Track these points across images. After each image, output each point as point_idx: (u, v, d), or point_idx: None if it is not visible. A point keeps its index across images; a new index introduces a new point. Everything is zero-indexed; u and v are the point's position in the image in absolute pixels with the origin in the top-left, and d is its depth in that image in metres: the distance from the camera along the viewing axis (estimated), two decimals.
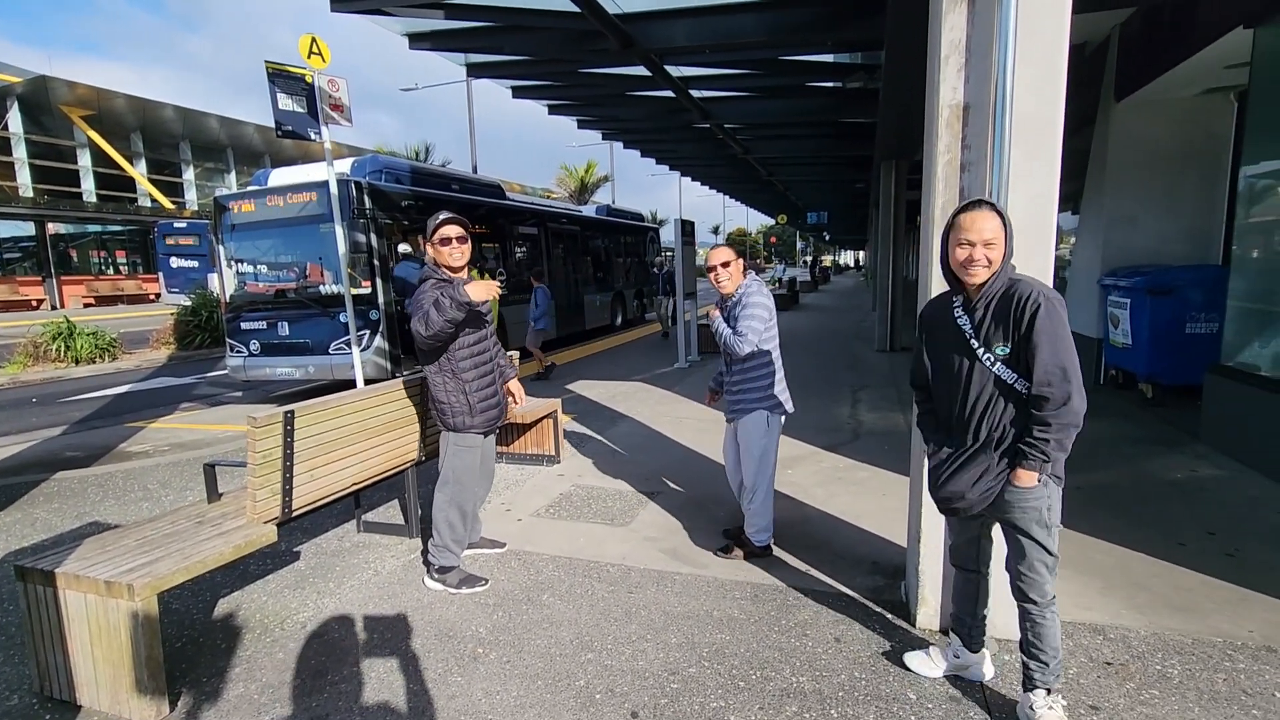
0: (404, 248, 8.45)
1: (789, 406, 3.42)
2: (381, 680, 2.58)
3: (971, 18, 2.39)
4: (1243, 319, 5.01)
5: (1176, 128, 6.49)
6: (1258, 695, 2.32)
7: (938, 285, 2.58)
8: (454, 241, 3.12)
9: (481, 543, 3.68)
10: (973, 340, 2.04)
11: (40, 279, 25.70)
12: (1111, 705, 2.29)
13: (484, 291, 3.00)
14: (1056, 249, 2.41)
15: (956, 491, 2.08)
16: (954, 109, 2.47)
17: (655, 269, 14.94)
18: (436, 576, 3.28)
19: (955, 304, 2.12)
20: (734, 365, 3.39)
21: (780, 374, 3.40)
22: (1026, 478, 1.99)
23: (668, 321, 13.96)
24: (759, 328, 3.25)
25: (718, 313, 3.43)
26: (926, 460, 2.27)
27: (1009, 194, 2.33)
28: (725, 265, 3.32)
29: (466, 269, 3.24)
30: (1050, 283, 2.23)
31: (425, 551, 3.45)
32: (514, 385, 3.53)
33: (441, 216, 3.12)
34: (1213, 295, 5.69)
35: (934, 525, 2.71)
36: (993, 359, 2.00)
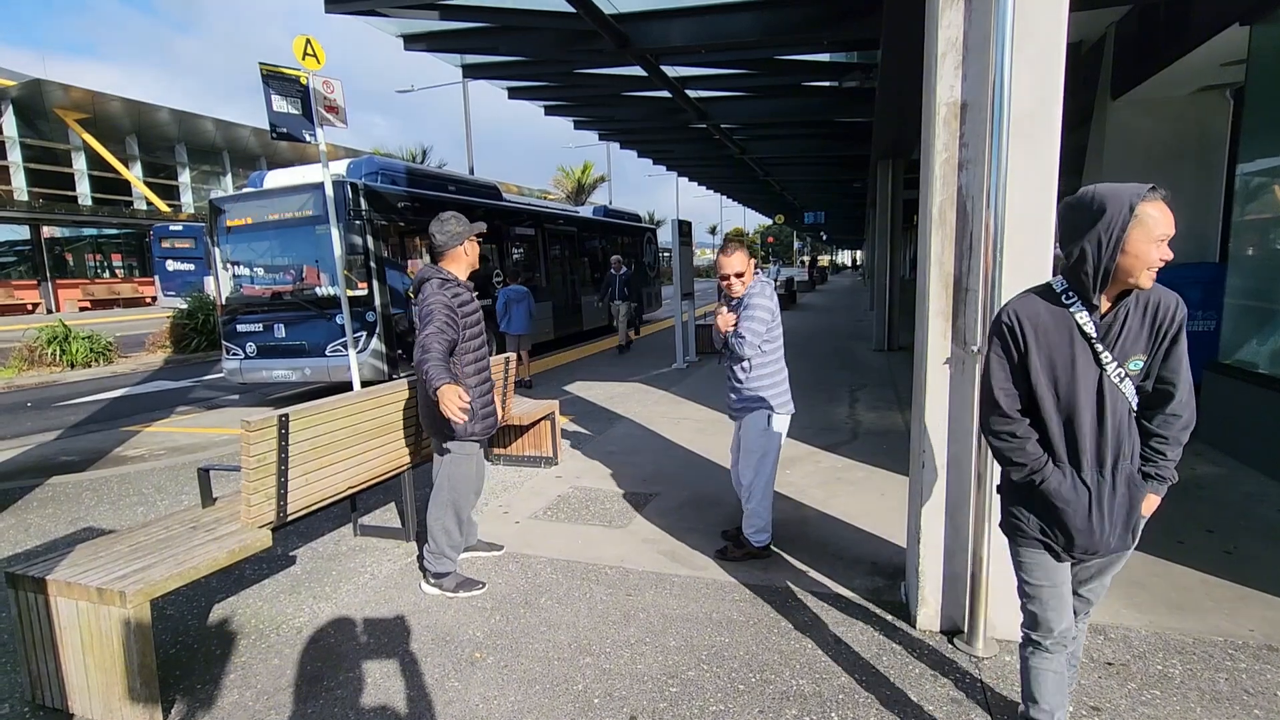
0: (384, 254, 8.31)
1: (790, 407, 3.42)
2: (378, 686, 2.55)
3: (969, 15, 2.38)
4: (1240, 316, 5.01)
5: (1172, 125, 6.49)
6: (1260, 695, 2.31)
7: (936, 285, 2.57)
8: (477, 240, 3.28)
9: (479, 545, 3.66)
10: (1105, 352, 1.70)
11: (35, 283, 25.61)
12: (1113, 706, 2.28)
13: (449, 407, 2.72)
14: (1054, 247, 2.38)
15: (1125, 542, 1.77)
16: (951, 107, 2.46)
17: (613, 270, 12.32)
18: (433, 581, 3.26)
19: (1071, 304, 1.73)
20: (735, 364, 3.38)
21: (782, 375, 3.40)
22: (1156, 503, 1.79)
23: (629, 329, 12.43)
24: (759, 329, 3.26)
25: (723, 310, 3.43)
26: (1058, 496, 1.74)
27: (1007, 192, 2.32)
28: (739, 276, 3.34)
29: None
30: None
31: (421, 556, 3.43)
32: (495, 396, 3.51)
33: (461, 219, 3.22)
34: (1210, 293, 5.69)
35: (933, 525, 2.70)
36: (1123, 373, 1.70)
